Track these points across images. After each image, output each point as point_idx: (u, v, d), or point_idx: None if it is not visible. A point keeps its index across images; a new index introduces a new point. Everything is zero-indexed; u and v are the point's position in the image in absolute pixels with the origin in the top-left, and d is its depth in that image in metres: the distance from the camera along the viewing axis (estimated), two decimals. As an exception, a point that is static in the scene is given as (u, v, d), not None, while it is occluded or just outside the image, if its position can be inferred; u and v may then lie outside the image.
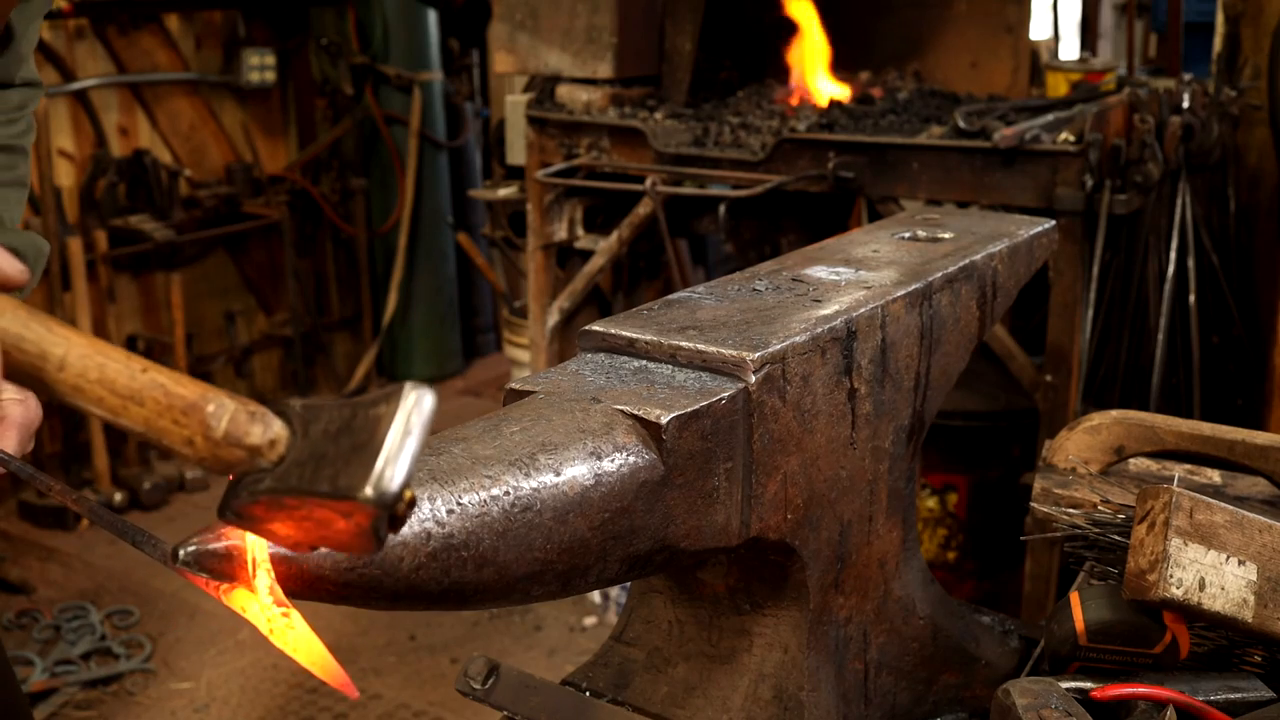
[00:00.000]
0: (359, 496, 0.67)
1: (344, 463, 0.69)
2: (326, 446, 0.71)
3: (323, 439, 0.72)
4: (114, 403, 0.76)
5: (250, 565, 0.79)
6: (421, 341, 5.76)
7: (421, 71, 5.46)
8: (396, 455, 0.67)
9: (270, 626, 0.79)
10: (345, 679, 0.81)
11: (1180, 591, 1.08)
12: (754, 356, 1.04)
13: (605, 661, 1.32)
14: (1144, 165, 2.69)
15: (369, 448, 0.68)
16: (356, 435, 0.69)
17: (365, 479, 0.67)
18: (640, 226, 3.33)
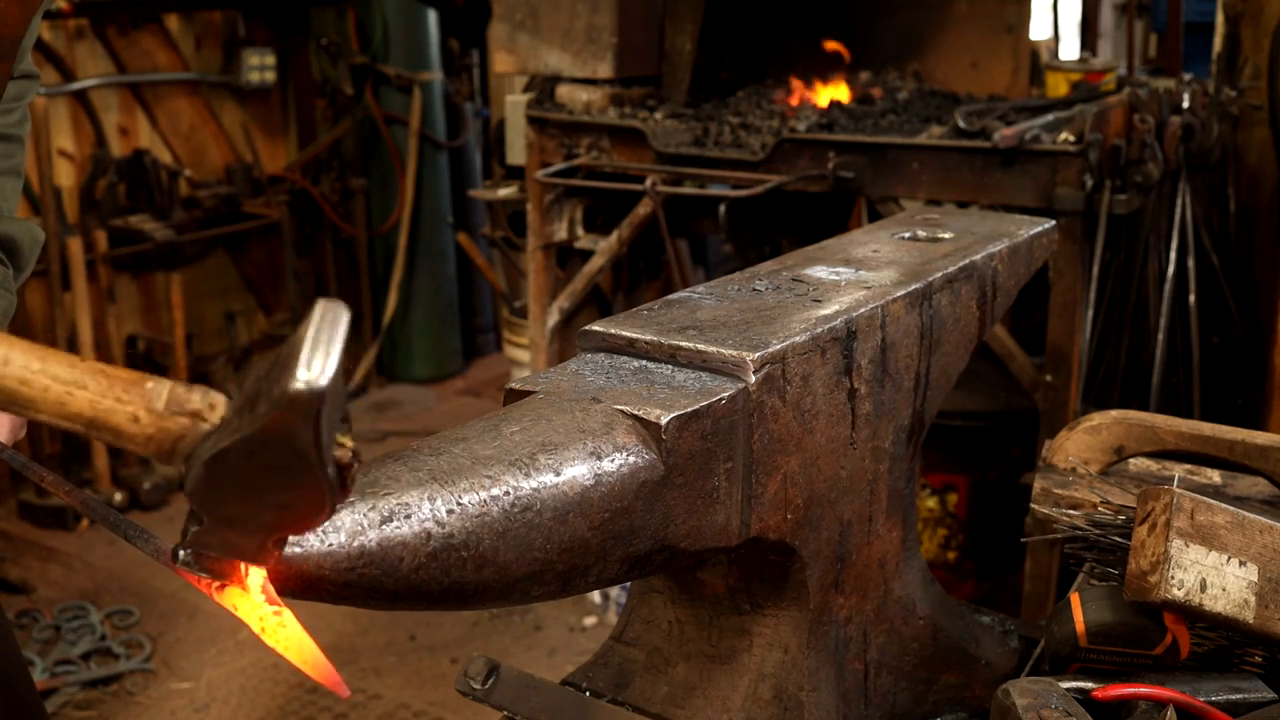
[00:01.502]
0: (289, 392, 0.67)
1: (271, 385, 0.69)
2: (258, 387, 0.71)
3: (254, 384, 0.72)
4: (58, 390, 0.77)
5: (243, 564, 0.80)
6: (421, 341, 5.75)
7: (421, 71, 5.46)
8: (314, 351, 0.67)
9: (262, 625, 0.80)
10: (336, 678, 0.82)
11: (1182, 593, 1.08)
12: (754, 356, 1.04)
13: (605, 661, 1.32)
14: (1144, 165, 2.69)
15: (290, 360, 0.68)
16: (280, 362, 0.70)
17: (290, 380, 0.67)
18: (640, 226, 3.33)
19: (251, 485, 0.73)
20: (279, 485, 0.72)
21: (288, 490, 0.72)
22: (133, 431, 0.77)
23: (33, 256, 1.43)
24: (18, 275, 1.41)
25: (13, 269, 1.37)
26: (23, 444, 4.49)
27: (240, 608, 0.80)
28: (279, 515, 0.75)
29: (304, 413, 0.68)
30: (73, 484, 0.81)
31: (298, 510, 0.74)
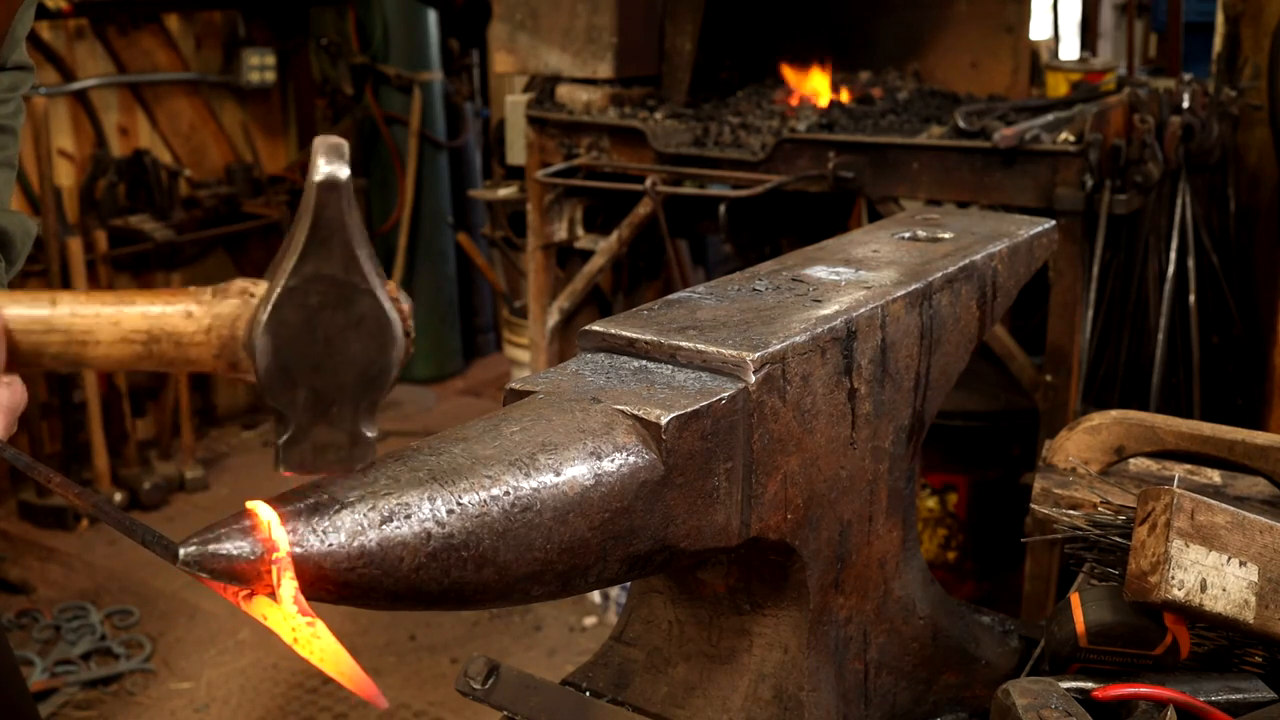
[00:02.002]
0: (315, 183, 0.73)
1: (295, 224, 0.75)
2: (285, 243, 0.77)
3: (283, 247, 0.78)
4: (110, 313, 0.77)
5: (274, 574, 0.77)
6: (421, 341, 5.75)
7: (421, 71, 5.47)
8: (327, 158, 0.74)
9: (295, 636, 0.77)
10: (374, 690, 0.79)
11: (1182, 593, 1.08)
12: (754, 356, 1.04)
13: (605, 661, 1.32)
14: (1144, 165, 2.69)
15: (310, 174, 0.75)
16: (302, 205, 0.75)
17: (312, 178, 0.74)
18: (640, 226, 3.33)
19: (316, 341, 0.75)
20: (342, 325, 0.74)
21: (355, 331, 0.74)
22: (191, 329, 0.78)
23: (25, 249, 1.37)
24: (10, 268, 1.35)
25: (4, 261, 1.36)
26: (22, 444, 4.48)
27: (270, 618, 0.77)
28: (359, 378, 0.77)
29: (332, 201, 0.72)
30: (67, 480, 0.80)
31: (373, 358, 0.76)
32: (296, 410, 0.79)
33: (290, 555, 0.76)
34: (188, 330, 0.78)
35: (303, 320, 0.76)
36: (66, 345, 0.78)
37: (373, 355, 0.79)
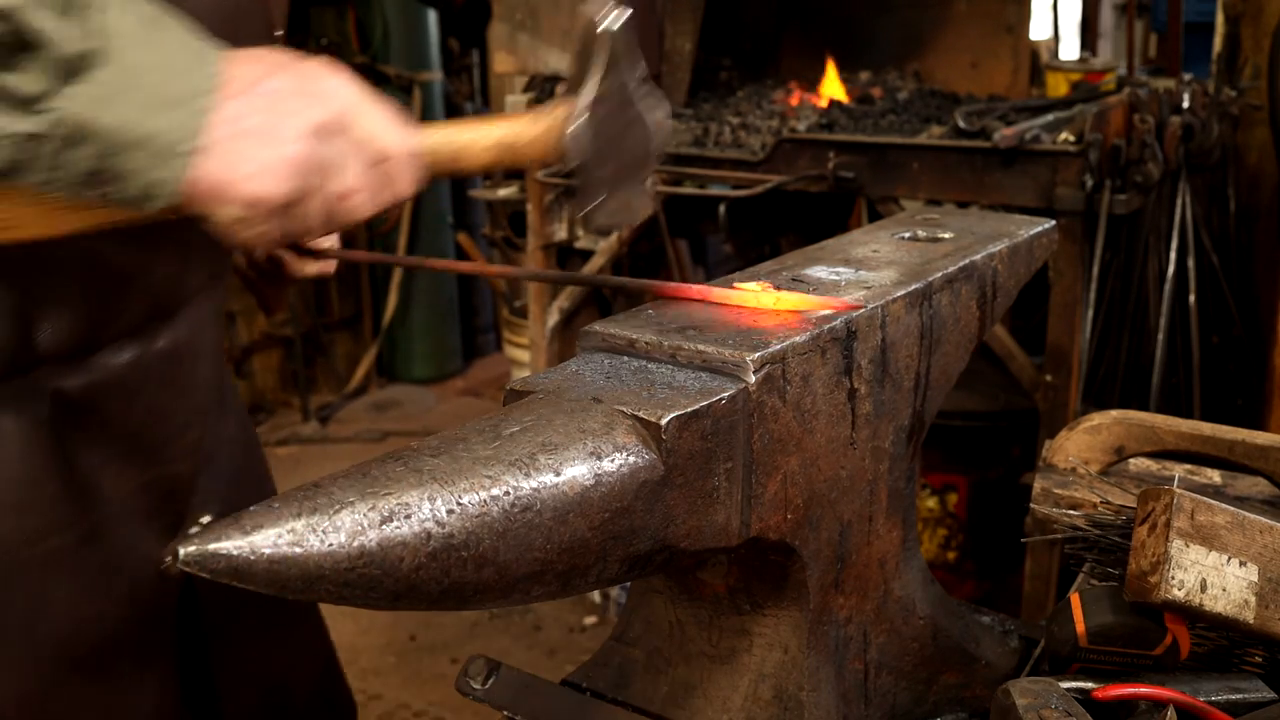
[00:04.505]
0: (607, 27, 1.12)
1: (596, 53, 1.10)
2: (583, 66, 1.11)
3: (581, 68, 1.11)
4: (470, 133, 1.07)
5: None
6: (421, 341, 5.76)
7: (421, 71, 5.47)
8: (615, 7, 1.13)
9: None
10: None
11: (1182, 593, 1.08)
12: (754, 356, 1.04)
13: (605, 661, 1.32)
14: (1144, 165, 2.69)
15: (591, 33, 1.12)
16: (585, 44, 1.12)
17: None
18: (640, 226, 3.32)
19: (610, 133, 1.07)
20: (625, 122, 1.09)
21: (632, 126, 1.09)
22: (532, 134, 1.07)
23: None
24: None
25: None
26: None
27: None
28: (637, 159, 1.10)
29: (619, 37, 1.09)
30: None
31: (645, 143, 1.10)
32: (602, 183, 1.09)
33: None
34: (530, 136, 1.07)
35: (601, 122, 1.07)
36: (454, 153, 1.07)
37: (644, 142, 1.11)
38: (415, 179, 1.02)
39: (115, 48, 0.84)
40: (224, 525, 0.82)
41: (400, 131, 1.00)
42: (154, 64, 0.86)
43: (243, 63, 0.92)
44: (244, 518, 0.82)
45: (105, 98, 0.84)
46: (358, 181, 0.97)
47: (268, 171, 0.90)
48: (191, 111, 0.87)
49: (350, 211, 0.98)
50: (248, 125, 0.89)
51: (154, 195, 0.88)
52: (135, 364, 1.17)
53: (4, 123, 0.83)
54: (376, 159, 0.98)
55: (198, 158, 0.88)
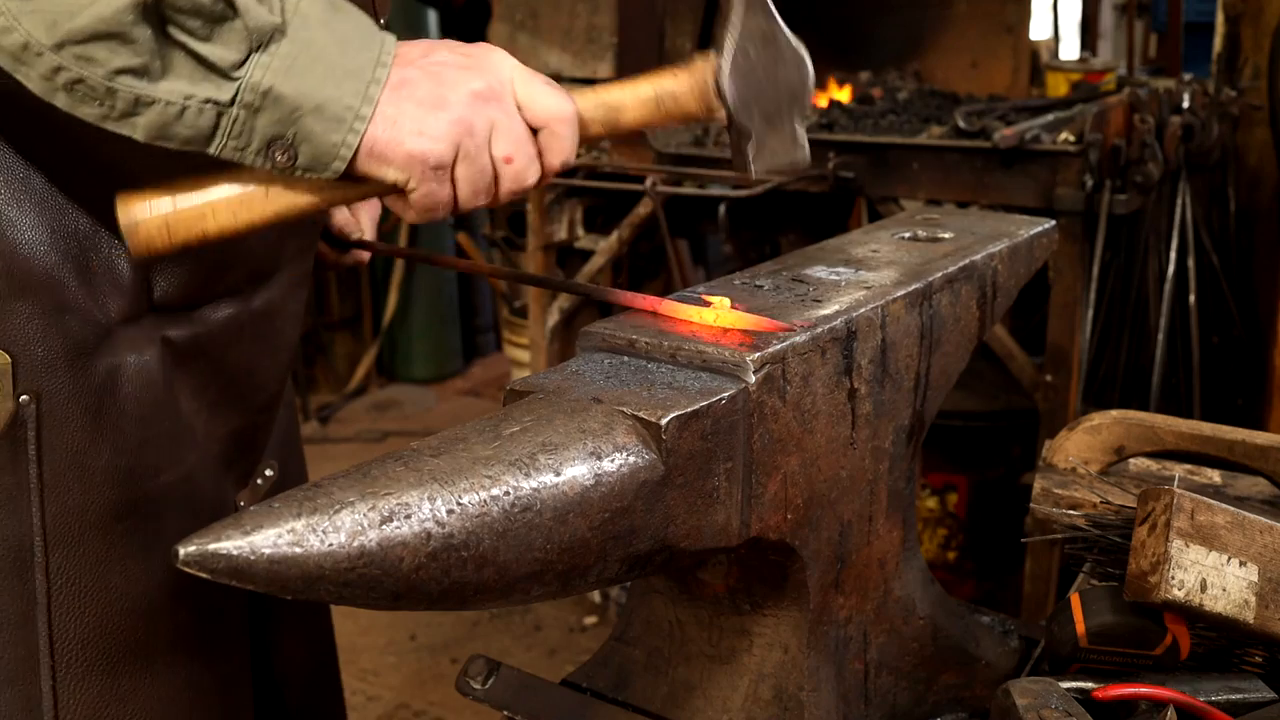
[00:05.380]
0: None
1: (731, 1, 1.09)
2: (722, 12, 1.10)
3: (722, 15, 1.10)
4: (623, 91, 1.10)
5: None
6: (421, 341, 5.75)
7: (421, 71, 5.46)
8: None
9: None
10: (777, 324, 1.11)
11: (1182, 593, 1.08)
12: (754, 357, 1.04)
13: (605, 661, 1.32)
14: (1144, 165, 2.68)
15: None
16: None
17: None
18: (640, 226, 3.32)
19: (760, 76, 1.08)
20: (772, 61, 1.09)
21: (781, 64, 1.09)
22: (684, 87, 1.08)
23: None
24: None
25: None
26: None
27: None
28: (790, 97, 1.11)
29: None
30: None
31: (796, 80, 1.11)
32: (758, 127, 1.09)
33: None
34: (680, 90, 1.09)
35: (749, 64, 1.07)
36: (608, 115, 1.10)
37: (796, 78, 1.11)
38: (574, 143, 1.08)
39: (298, 24, 0.94)
40: (224, 525, 0.82)
41: (557, 97, 1.05)
42: (332, 40, 0.96)
43: (412, 45, 1.04)
44: (244, 518, 0.82)
45: (288, 68, 0.93)
46: (516, 148, 1.04)
47: (428, 132, 0.98)
48: (364, 81, 0.96)
49: (511, 176, 1.04)
50: (412, 92, 0.98)
51: (330, 158, 0.96)
52: (233, 320, 1.27)
53: (201, 89, 0.92)
54: (535, 124, 1.05)
55: (369, 124, 0.96)
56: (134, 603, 1.19)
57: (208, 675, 1.28)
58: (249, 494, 1.38)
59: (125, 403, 1.16)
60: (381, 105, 0.97)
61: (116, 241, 1.13)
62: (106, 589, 1.16)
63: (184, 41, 0.91)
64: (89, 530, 1.14)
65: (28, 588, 1.12)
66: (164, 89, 0.91)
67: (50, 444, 1.11)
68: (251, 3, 0.91)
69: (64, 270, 1.10)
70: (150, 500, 1.19)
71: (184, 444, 1.23)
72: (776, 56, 1.10)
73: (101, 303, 1.13)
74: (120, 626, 1.18)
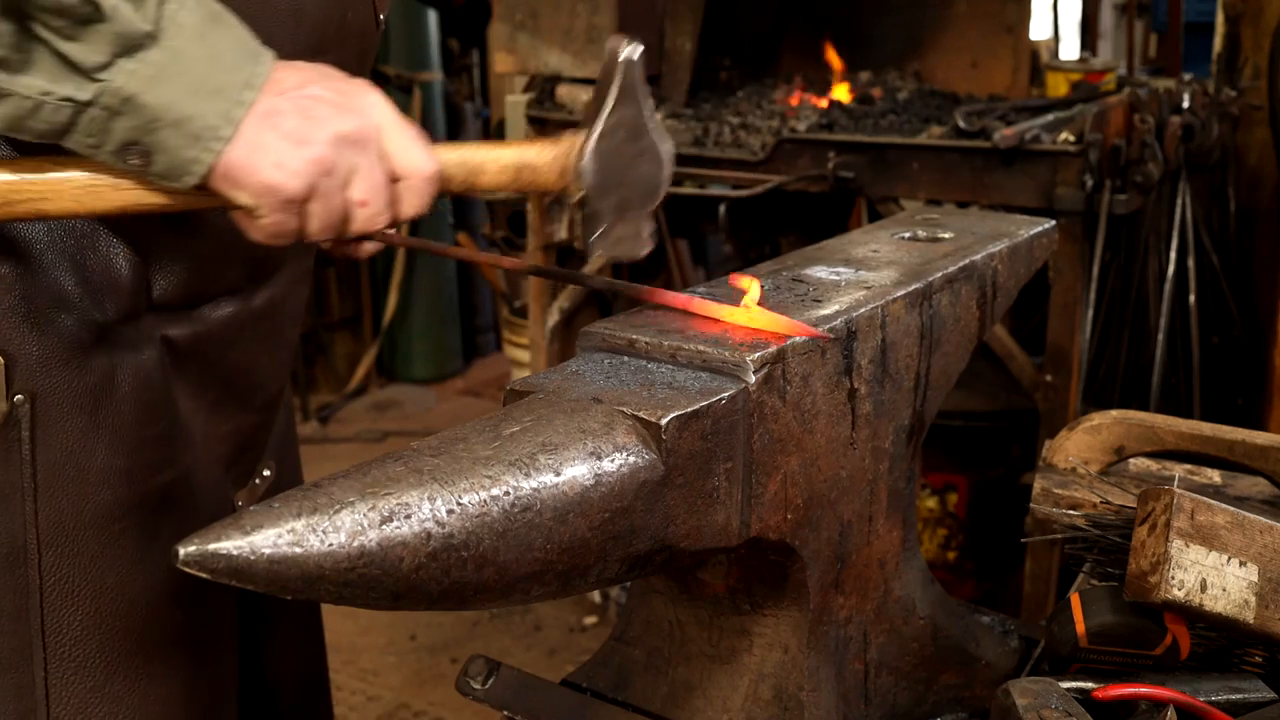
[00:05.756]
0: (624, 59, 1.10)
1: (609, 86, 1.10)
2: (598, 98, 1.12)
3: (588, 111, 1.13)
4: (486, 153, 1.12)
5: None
6: (421, 341, 5.75)
7: (421, 71, 5.46)
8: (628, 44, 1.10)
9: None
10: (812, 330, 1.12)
11: (1182, 593, 1.08)
12: (754, 357, 1.04)
13: (605, 661, 1.32)
14: (1144, 165, 2.68)
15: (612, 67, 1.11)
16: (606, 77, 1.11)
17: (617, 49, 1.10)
18: (640, 226, 3.32)
19: (619, 165, 1.10)
20: (634, 154, 1.11)
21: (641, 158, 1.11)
22: (545, 160, 1.11)
23: None
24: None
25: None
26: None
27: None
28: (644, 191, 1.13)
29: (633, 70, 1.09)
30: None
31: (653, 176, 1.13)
32: (607, 212, 1.13)
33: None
34: (541, 163, 1.11)
35: (612, 151, 1.10)
36: (467, 175, 1.11)
37: (653, 173, 1.13)
38: (428, 199, 1.08)
39: (171, 34, 0.93)
40: (224, 525, 0.82)
41: (421, 153, 1.06)
42: (204, 54, 0.94)
43: (290, 69, 1.00)
44: (244, 517, 0.82)
45: (153, 77, 0.92)
46: (372, 193, 1.03)
47: (286, 166, 0.98)
48: (231, 102, 0.95)
49: (362, 220, 1.04)
50: (278, 123, 0.97)
51: (182, 172, 0.96)
52: (234, 319, 1.27)
53: (61, 87, 0.91)
54: (393, 175, 1.05)
55: (228, 145, 0.95)
56: (129, 602, 1.19)
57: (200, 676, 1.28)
58: (247, 494, 1.38)
59: (122, 402, 1.16)
60: (244, 129, 0.96)
61: (115, 240, 1.13)
62: (101, 588, 1.16)
63: (47, 39, 0.90)
64: (84, 530, 1.14)
65: (21, 583, 1.12)
66: (22, 83, 0.91)
67: (45, 444, 1.11)
68: (123, 7, 0.90)
69: (60, 269, 1.10)
70: (147, 500, 1.19)
71: (182, 444, 1.23)
72: (640, 150, 1.12)
73: (98, 302, 1.13)
74: (114, 625, 1.18)
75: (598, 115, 1.11)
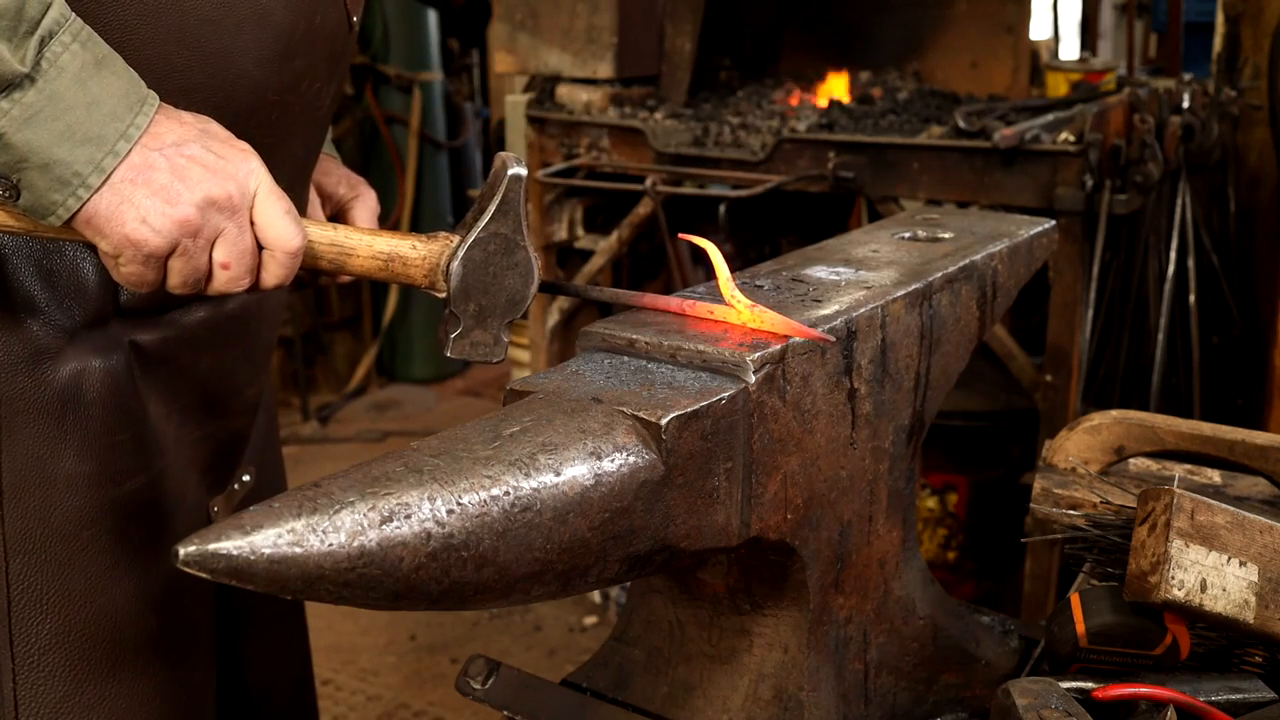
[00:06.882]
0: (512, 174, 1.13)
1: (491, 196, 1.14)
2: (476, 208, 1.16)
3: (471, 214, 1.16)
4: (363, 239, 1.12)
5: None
6: (421, 341, 5.75)
7: (421, 71, 5.46)
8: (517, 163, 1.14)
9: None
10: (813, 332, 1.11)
11: (1182, 593, 1.08)
12: (754, 356, 1.04)
13: (605, 661, 1.32)
14: (1144, 165, 2.68)
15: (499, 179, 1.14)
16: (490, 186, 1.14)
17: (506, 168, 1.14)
18: (640, 226, 3.33)
19: (487, 274, 1.12)
20: (505, 266, 1.13)
21: (512, 271, 1.14)
22: (414, 256, 1.13)
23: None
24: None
25: None
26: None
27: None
28: (508, 302, 1.14)
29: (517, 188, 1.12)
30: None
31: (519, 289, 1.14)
32: (467, 317, 1.14)
33: None
34: (412, 257, 1.12)
35: (482, 260, 1.13)
36: (337, 256, 1.11)
37: (519, 287, 1.15)
38: (293, 271, 1.07)
39: (50, 76, 0.93)
40: (224, 525, 0.82)
41: (289, 228, 1.05)
42: (83, 100, 0.94)
43: (173, 121, 1.00)
44: (244, 517, 0.82)
45: (26, 119, 0.92)
46: (235, 258, 1.03)
47: (150, 224, 0.98)
48: (104, 152, 0.95)
49: (222, 281, 1.05)
50: (150, 178, 0.97)
51: (46, 213, 0.96)
52: (206, 322, 1.26)
53: None
54: (262, 244, 1.05)
55: (95, 193, 0.95)
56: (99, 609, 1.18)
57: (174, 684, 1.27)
58: (224, 500, 1.37)
59: (90, 408, 1.15)
60: (114, 180, 0.96)
61: (80, 246, 1.13)
62: (69, 596, 1.15)
63: None
64: (52, 537, 1.14)
65: None
66: None
67: (11, 450, 1.10)
68: (1, 46, 0.90)
69: (25, 274, 1.10)
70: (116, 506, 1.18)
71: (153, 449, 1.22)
72: (510, 264, 1.14)
73: (65, 307, 1.13)
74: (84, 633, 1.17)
75: (474, 223, 1.13)
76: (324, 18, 1.22)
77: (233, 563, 0.80)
